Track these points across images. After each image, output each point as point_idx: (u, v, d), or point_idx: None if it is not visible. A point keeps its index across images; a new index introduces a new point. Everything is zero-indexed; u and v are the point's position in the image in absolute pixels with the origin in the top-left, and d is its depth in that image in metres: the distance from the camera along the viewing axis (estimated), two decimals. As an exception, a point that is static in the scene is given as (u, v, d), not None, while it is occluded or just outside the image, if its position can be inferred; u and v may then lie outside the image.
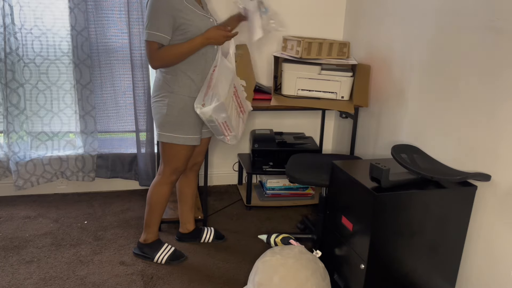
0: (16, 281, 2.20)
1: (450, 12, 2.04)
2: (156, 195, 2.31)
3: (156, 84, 2.20)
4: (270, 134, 3.15)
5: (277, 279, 1.84)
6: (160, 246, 2.40)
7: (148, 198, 2.34)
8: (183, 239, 2.62)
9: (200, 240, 2.61)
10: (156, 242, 2.40)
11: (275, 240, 2.50)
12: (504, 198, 1.77)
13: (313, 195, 3.18)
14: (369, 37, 2.82)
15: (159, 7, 2.00)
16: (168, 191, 2.31)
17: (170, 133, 2.18)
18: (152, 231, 2.39)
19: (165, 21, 2.01)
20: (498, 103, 1.77)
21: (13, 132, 2.90)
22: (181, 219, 2.60)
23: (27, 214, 2.86)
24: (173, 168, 2.26)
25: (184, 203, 2.56)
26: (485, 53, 1.83)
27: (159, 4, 2.00)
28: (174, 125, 2.16)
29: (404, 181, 1.90)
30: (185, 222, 2.59)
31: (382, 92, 2.67)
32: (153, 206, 2.33)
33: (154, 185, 2.32)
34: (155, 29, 2.01)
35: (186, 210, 2.57)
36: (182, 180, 2.51)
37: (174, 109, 2.15)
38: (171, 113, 2.15)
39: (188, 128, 2.18)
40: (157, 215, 2.35)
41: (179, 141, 2.19)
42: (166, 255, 2.37)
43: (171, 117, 2.15)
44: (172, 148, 2.21)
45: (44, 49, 2.85)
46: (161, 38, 2.03)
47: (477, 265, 1.93)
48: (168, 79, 2.14)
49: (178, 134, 2.18)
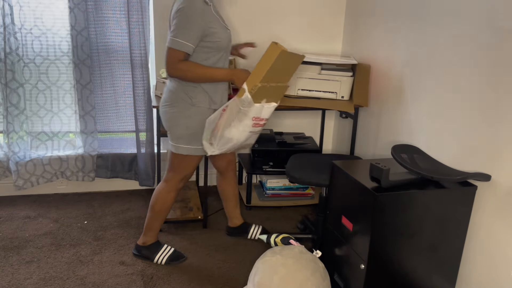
0: (16, 281, 2.20)
1: (450, 12, 2.04)
2: (161, 202, 2.30)
3: (172, 93, 2.13)
4: (270, 134, 3.15)
5: (277, 279, 1.84)
6: (159, 247, 2.40)
7: (153, 204, 2.32)
8: (232, 234, 2.68)
9: (247, 236, 2.66)
10: (154, 244, 2.40)
11: (275, 240, 2.50)
12: (504, 198, 1.77)
13: (313, 195, 3.18)
14: (369, 36, 2.82)
15: (193, 18, 1.97)
16: (174, 198, 2.32)
17: (187, 145, 2.17)
18: (152, 234, 2.40)
19: (196, 32, 1.99)
20: (498, 103, 1.77)
21: (13, 132, 2.90)
22: (228, 215, 2.68)
23: (27, 214, 2.86)
24: (184, 175, 2.28)
25: (229, 201, 2.62)
26: (485, 53, 1.83)
27: (193, 14, 1.97)
28: (192, 136, 2.16)
29: (404, 181, 1.89)
30: (232, 217, 2.66)
31: (382, 92, 2.67)
32: (157, 213, 2.33)
33: (160, 192, 2.30)
34: (185, 39, 1.98)
35: (231, 207, 2.64)
36: (221, 181, 2.56)
37: (194, 121, 2.13)
38: (191, 125, 2.13)
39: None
40: (160, 221, 2.36)
41: (197, 152, 2.19)
42: (166, 256, 2.37)
43: (191, 130, 2.14)
44: (187, 158, 2.22)
45: (44, 49, 2.85)
46: (188, 49, 2.00)
47: (477, 265, 1.92)
48: (188, 91, 2.10)
49: (196, 146, 2.18)
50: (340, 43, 3.27)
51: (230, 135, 2.12)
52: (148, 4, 2.80)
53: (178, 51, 2.00)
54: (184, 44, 1.99)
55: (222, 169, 2.51)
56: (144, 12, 2.79)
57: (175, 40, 1.99)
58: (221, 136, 2.11)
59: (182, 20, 1.97)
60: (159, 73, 3.06)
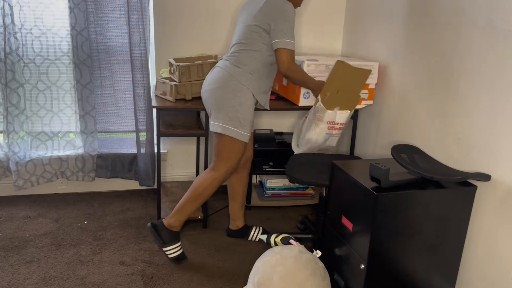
0: (16, 281, 2.20)
1: (450, 12, 2.04)
2: (206, 188, 2.30)
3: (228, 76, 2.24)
4: (270, 134, 3.15)
5: (277, 279, 1.84)
6: (177, 241, 2.37)
7: (196, 187, 2.30)
8: (232, 235, 2.68)
9: (248, 238, 2.66)
10: (176, 234, 2.36)
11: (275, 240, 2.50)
12: (504, 198, 1.77)
13: (313, 195, 3.18)
14: (369, 36, 2.82)
15: (292, 16, 2.18)
16: (216, 187, 2.33)
17: (236, 128, 2.23)
18: (180, 219, 2.35)
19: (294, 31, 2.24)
20: (498, 103, 1.77)
21: (13, 132, 2.90)
22: (231, 216, 2.66)
23: (27, 214, 2.86)
24: (230, 165, 2.30)
25: (236, 200, 2.62)
26: (485, 53, 1.83)
27: (292, 15, 2.19)
28: (241, 120, 2.22)
29: (404, 181, 1.89)
30: (235, 219, 2.66)
31: (382, 92, 2.67)
32: (197, 197, 2.31)
33: (207, 178, 2.29)
34: (294, 39, 2.20)
35: (237, 208, 2.64)
36: (234, 178, 2.57)
37: (244, 107, 2.23)
38: (241, 110, 2.22)
39: (250, 126, 2.29)
40: (195, 206, 2.33)
41: (243, 137, 2.25)
42: (176, 253, 2.37)
43: (240, 113, 2.22)
44: (232, 142, 2.25)
45: (44, 49, 2.85)
46: (294, 48, 2.22)
47: (477, 265, 1.92)
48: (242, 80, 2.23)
49: (242, 131, 2.24)
50: (340, 43, 3.27)
51: (309, 136, 2.49)
52: (148, 4, 2.80)
53: (292, 51, 2.21)
54: (294, 44, 2.21)
55: (239, 165, 2.53)
56: (144, 12, 2.79)
57: (288, 41, 2.18)
58: (303, 138, 2.51)
59: (288, 21, 2.17)
60: (159, 73, 3.06)
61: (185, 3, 2.98)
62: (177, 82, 2.62)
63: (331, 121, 2.47)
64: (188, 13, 3.01)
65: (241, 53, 2.24)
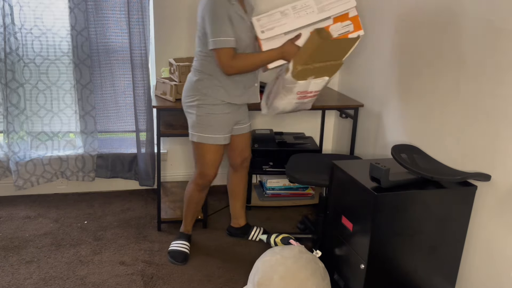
0: (16, 281, 2.20)
1: (450, 12, 2.04)
2: (191, 195, 2.43)
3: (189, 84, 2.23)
4: (270, 134, 3.15)
5: (277, 279, 1.84)
6: (186, 240, 2.50)
7: (185, 195, 2.47)
8: (233, 234, 2.70)
9: (248, 237, 2.68)
10: (186, 235, 2.54)
11: (275, 240, 2.51)
12: (504, 198, 1.77)
13: (313, 195, 3.18)
14: (369, 36, 2.82)
15: (219, 12, 1.99)
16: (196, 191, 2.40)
17: (199, 133, 2.24)
18: (187, 223, 2.52)
19: (228, 24, 2.01)
20: (498, 103, 1.77)
21: (13, 132, 2.90)
22: (232, 214, 2.69)
23: (27, 214, 2.86)
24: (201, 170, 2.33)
25: (237, 199, 2.64)
26: (485, 53, 1.83)
27: (218, 9, 1.99)
28: (202, 125, 2.23)
29: (404, 181, 1.89)
30: (237, 217, 2.68)
31: (382, 92, 2.67)
32: (188, 204, 2.46)
33: (189, 185, 2.43)
34: (225, 35, 2.00)
35: (238, 206, 2.66)
36: (233, 178, 2.59)
37: (204, 111, 2.21)
38: (201, 115, 2.21)
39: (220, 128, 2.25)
40: (189, 212, 2.48)
41: (207, 140, 2.24)
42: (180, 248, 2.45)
43: (200, 119, 2.22)
44: (200, 147, 2.27)
45: (44, 49, 2.85)
46: (233, 43, 2.03)
47: (477, 265, 1.93)
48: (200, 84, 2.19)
49: (206, 134, 2.24)
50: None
51: (277, 104, 2.21)
52: (148, 4, 2.80)
53: (225, 49, 2.02)
54: (226, 40, 2.01)
55: (236, 165, 2.54)
56: (144, 12, 2.79)
57: (216, 40, 2.01)
58: (271, 104, 2.24)
59: (213, 18, 2.00)
60: (159, 73, 3.06)
61: (185, 3, 2.98)
62: (177, 82, 2.62)
63: (302, 91, 2.15)
64: (188, 13, 3.01)
65: (197, 61, 2.21)
